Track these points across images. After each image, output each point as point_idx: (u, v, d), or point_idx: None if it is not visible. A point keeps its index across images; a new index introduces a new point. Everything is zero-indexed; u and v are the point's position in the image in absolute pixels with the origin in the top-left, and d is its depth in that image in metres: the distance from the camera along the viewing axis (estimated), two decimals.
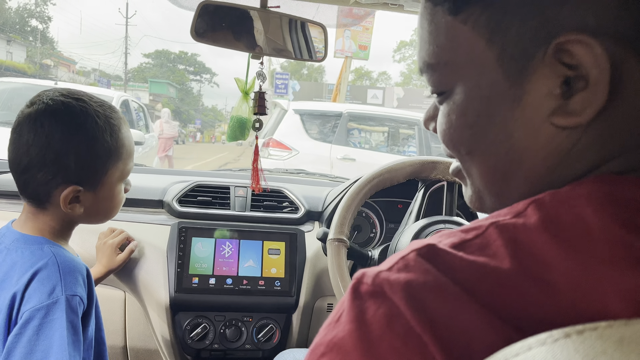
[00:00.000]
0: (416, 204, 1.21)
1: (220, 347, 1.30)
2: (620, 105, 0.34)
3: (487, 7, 0.36)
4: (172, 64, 42.75)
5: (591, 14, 0.33)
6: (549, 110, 0.36)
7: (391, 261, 0.35)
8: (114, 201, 0.90)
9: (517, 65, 0.36)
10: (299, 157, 5.08)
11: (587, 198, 0.32)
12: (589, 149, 0.36)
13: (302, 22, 1.06)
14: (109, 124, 0.84)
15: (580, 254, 0.31)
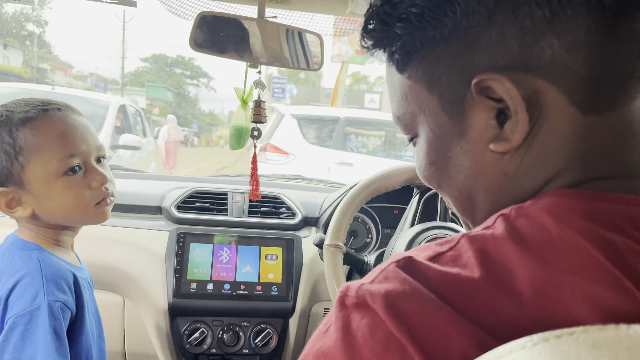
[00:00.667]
0: (411, 210, 1.23)
1: (218, 351, 1.31)
2: (548, 129, 0.39)
3: (422, 63, 0.43)
4: (169, 68, 42.76)
5: (499, 54, 0.39)
6: (488, 139, 0.41)
7: (373, 274, 0.38)
8: (63, 197, 0.83)
9: (455, 106, 0.42)
10: (296, 161, 5.09)
11: (547, 210, 0.36)
12: (532, 169, 0.40)
13: (299, 31, 1.08)
14: (9, 119, 0.80)
15: (542, 262, 0.34)
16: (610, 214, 0.35)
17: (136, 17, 49.51)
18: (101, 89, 29.52)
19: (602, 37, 0.37)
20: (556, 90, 0.38)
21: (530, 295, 0.33)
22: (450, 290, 0.34)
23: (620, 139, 0.39)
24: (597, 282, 0.32)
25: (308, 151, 5.28)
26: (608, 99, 0.38)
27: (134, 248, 1.35)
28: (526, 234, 0.35)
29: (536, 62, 0.38)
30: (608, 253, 0.33)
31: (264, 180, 1.94)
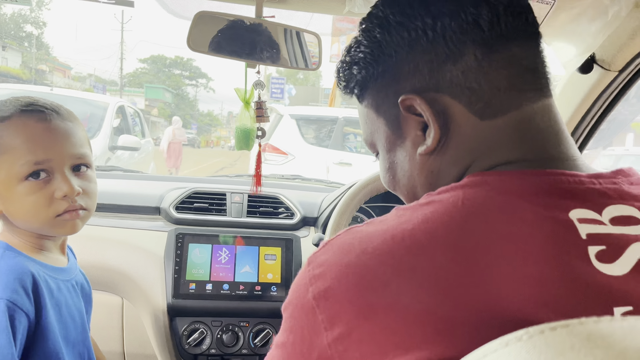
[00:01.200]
0: None
1: (217, 352, 1.31)
2: (457, 133, 0.52)
3: (371, 94, 0.58)
4: (167, 69, 42.75)
5: (416, 80, 0.52)
6: (417, 146, 0.54)
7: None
8: (20, 203, 0.80)
9: (394, 124, 0.56)
10: (295, 162, 5.10)
11: (461, 186, 0.47)
12: (450, 165, 0.53)
13: (297, 31, 1.08)
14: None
15: (446, 218, 0.44)
16: (507, 182, 0.46)
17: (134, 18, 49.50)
18: (100, 90, 29.50)
19: (486, 62, 0.50)
20: (458, 103, 0.51)
21: (418, 246, 0.43)
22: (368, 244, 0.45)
23: (512, 136, 0.51)
24: (494, 239, 0.42)
25: (307, 151, 5.28)
26: (496, 107, 0.51)
27: (132, 249, 1.35)
28: (439, 202, 0.46)
29: (441, 83, 0.51)
30: (503, 209, 0.44)
31: (263, 180, 1.94)
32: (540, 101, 0.52)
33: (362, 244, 0.45)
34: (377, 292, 0.41)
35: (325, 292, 0.43)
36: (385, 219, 0.47)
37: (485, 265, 0.40)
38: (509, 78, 0.51)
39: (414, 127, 0.54)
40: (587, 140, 1.21)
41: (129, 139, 5.01)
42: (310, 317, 0.44)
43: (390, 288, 0.41)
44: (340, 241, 0.47)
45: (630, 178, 0.49)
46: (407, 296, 0.40)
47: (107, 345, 1.33)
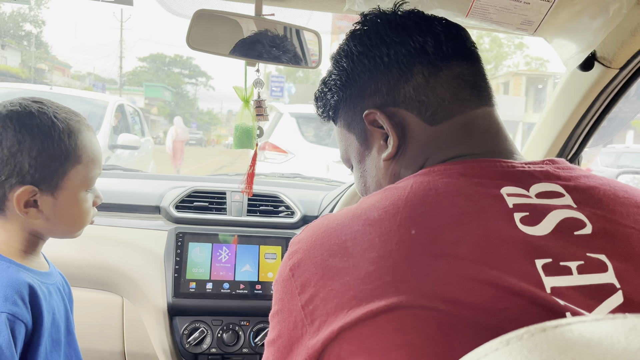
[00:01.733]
0: None
1: (218, 351, 1.31)
2: (412, 139, 0.62)
3: (342, 114, 0.70)
4: (167, 67, 42.70)
5: (377, 98, 0.64)
6: (380, 153, 0.65)
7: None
8: (78, 210, 0.86)
9: (362, 137, 0.67)
10: (295, 160, 5.09)
11: (414, 176, 0.56)
12: (408, 168, 0.62)
13: (297, 29, 1.07)
14: (67, 125, 0.83)
15: (397, 204, 0.51)
16: (450, 169, 0.55)
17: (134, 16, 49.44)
18: (99, 88, 29.48)
19: (432, 79, 0.61)
20: (411, 114, 0.62)
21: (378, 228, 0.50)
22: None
23: (457, 136, 0.60)
24: (442, 208, 0.50)
25: (307, 149, 5.27)
26: (443, 114, 0.61)
27: (132, 248, 1.35)
28: (394, 188, 0.54)
29: (397, 99, 0.62)
30: (449, 190, 0.52)
31: (263, 179, 1.93)
32: (481, 108, 0.62)
33: (328, 222, 0.53)
34: (338, 256, 0.48)
35: (298, 263, 0.51)
36: (351, 206, 0.56)
37: (430, 230, 0.48)
38: (452, 90, 0.61)
39: (378, 138, 0.64)
40: (588, 137, 1.20)
41: (128, 138, 5.00)
42: (288, 286, 0.51)
43: (348, 252, 0.48)
44: (313, 224, 0.55)
45: (557, 164, 0.57)
46: (362, 259, 0.47)
47: (107, 344, 1.33)
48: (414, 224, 0.48)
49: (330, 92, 0.69)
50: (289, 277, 0.51)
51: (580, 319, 0.29)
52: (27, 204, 0.81)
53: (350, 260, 0.47)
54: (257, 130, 1.14)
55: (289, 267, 0.52)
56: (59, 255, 0.91)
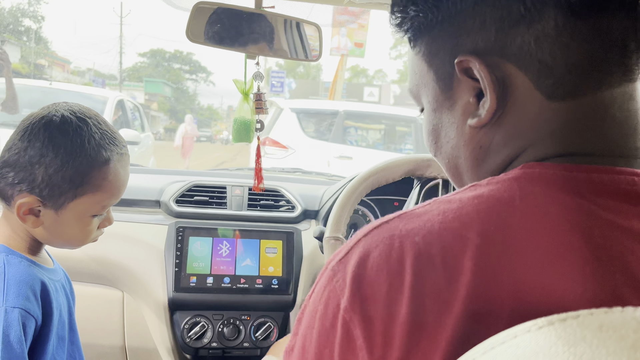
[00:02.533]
0: (412, 202, 1.22)
1: (219, 345, 1.31)
2: (517, 110, 0.45)
3: (425, 41, 0.50)
4: (167, 63, 42.62)
5: (479, 39, 0.45)
6: (468, 115, 0.47)
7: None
8: (77, 231, 0.85)
9: (445, 83, 0.48)
10: (295, 155, 5.08)
11: (515, 179, 0.42)
12: (503, 144, 0.46)
13: (297, 21, 1.06)
14: (97, 153, 0.81)
15: (499, 220, 0.39)
16: (571, 180, 0.40)
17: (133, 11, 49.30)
18: (99, 84, 29.43)
19: (567, 32, 0.42)
20: (523, 76, 0.44)
21: (479, 243, 0.38)
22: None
23: (581, 125, 0.43)
24: (551, 242, 0.37)
25: (307, 145, 5.27)
26: (570, 87, 0.43)
27: (133, 242, 1.34)
28: (489, 198, 0.41)
29: (508, 48, 0.43)
30: (566, 216, 0.38)
31: (263, 173, 1.93)
32: (622, 86, 0.44)
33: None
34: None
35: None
36: (426, 212, 0.42)
37: (532, 265, 0.37)
38: (591, 54, 0.42)
39: (467, 92, 0.47)
40: None
41: (128, 133, 4.99)
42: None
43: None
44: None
45: None
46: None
47: (108, 339, 1.33)
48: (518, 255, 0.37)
49: (415, 6, 0.48)
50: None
51: (589, 312, 0.29)
52: (29, 211, 0.80)
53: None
54: (258, 124, 1.13)
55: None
56: (59, 250, 0.91)
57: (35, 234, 0.84)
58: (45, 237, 0.84)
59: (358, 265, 0.40)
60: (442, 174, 1.19)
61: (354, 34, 11.18)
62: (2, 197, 0.81)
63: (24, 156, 0.78)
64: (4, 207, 0.83)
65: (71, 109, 0.82)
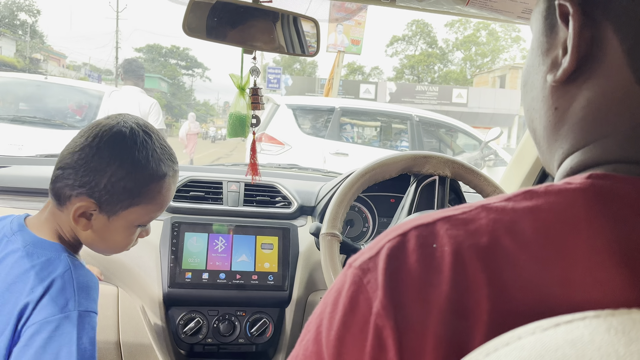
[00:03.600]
0: (408, 199, 1.22)
1: (214, 341, 1.31)
2: (601, 82, 0.39)
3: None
4: (163, 58, 42.46)
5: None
6: (553, 67, 0.42)
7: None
8: (123, 238, 0.88)
9: (548, 26, 0.43)
10: (291, 151, 5.08)
11: (581, 191, 0.35)
12: (579, 120, 0.40)
13: (295, 17, 1.06)
14: (158, 169, 0.85)
15: (557, 241, 0.33)
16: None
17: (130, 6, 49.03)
18: (95, 79, 29.29)
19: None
20: (619, 43, 0.37)
21: (533, 271, 0.33)
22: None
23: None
24: (607, 271, 0.32)
25: (303, 141, 5.26)
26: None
27: None
28: (549, 212, 0.35)
29: (614, 4, 0.37)
30: (626, 241, 0.32)
31: (260, 169, 1.92)
32: None
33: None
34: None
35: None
36: (473, 219, 0.37)
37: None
38: None
39: (560, 43, 0.41)
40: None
41: None
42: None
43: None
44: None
45: None
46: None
47: (102, 334, 1.32)
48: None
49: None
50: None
51: (595, 314, 0.28)
52: (82, 214, 0.83)
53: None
54: (253, 119, 1.12)
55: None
56: None
57: (81, 236, 0.86)
58: (90, 240, 0.87)
59: (393, 269, 0.36)
60: (439, 171, 1.19)
61: (351, 30, 11.15)
62: (57, 196, 0.83)
63: (90, 162, 0.81)
64: (54, 206, 0.85)
65: (137, 122, 0.86)
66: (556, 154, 0.43)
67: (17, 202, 1.36)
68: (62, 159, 0.84)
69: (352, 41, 11.23)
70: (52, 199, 0.85)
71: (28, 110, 4.96)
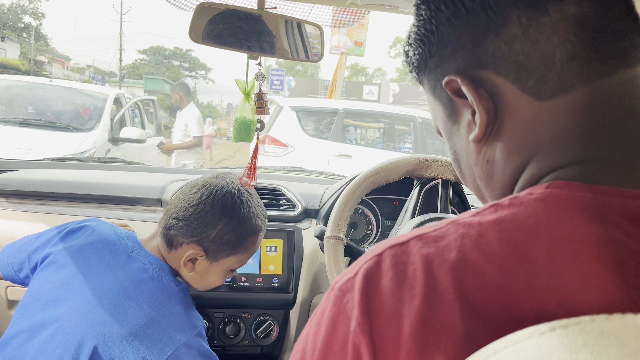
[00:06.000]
0: (412, 202, 1.23)
1: (219, 343, 1.32)
2: (511, 117, 0.44)
3: (426, 77, 0.51)
4: (167, 60, 42.54)
5: (460, 59, 0.45)
6: (469, 132, 0.47)
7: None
8: (216, 279, 1.02)
9: (449, 109, 0.49)
10: (294, 154, 5.08)
11: (541, 200, 0.38)
12: (507, 155, 0.45)
13: (299, 22, 1.07)
14: (255, 224, 1.01)
15: (523, 250, 0.36)
16: (603, 207, 0.36)
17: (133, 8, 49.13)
18: (99, 81, 29.38)
19: (533, 28, 0.41)
20: (505, 81, 0.43)
21: (500, 279, 0.35)
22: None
23: (580, 123, 0.41)
24: (580, 280, 0.34)
25: (307, 143, 5.26)
26: (554, 83, 0.41)
27: None
28: (512, 224, 0.37)
29: (485, 59, 0.43)
30: (596, 245, 0.34)
31: (264, 172, 1.93)
32: (618, 73, 0.40)
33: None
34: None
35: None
36: (443, 236, 0.39)
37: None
38: (566, 45, 0.40)
39: (466, 112, 0.47)
40: None
41: (132, 132, 4.96)
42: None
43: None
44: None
45: None
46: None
47: None
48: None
49: (410, 47, 0.52)
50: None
51: (590, 318, 0.29)
52: (190, 259, 0.97)
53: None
54: (258, 124, 1.14)
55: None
56: None
57: (184, 275, 1.00)
58: (191, 279, 1.00)
59: (368, 289, 0.38)
60: (442, 175, 1.20)
61: (354, 32, 11.15)
62: (169, 241, 0.97)
63: (204, 217, 0.96)
64: (164, 247, 0.98)
65: (240, 184, 1.03)
66: (499, 194, 0.48)
67: (26, 206, 1.38)
68: (177, 210, 0.98)
69: (355, 43, 11.23)
70: (163, 241, 0.98)
71: (34, 114, 4.98)
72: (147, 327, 0.85)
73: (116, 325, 0.83)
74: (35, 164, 1.71)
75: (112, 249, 0.94)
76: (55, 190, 1.42)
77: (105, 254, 0.93)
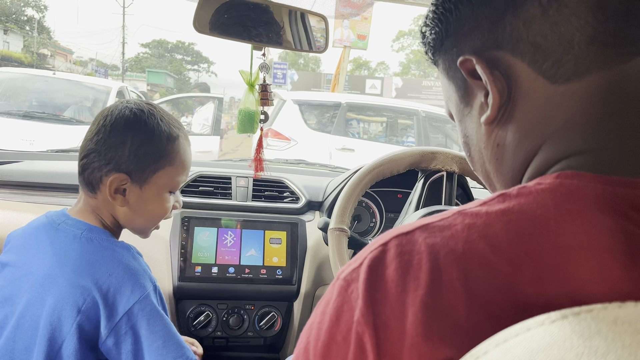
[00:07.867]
0: (416, 194, 1.23)
1: (223, 334, 1.32)
2: (524, 100, 0.43)
3: (441, 58, 0.51)
4: (169, 53, 42.45)
5: (476, 39, 0.45)
6: (481, 114, 0.47)
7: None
8: (158, 206, 0.93)
9: (462, 91, 0.49)
10: (297, 147, 5.08)
11: (550, 191, 0.37)
12: (518, 140, 0.45)
13: (303, 13, 1.06)
14: (169, 130, 0.92)
15: (530, 241, 0.35)
16: (612, 197, 0.36)
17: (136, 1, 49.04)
18: (102, 74, 29.36)
19: (553, 9, 0.40)
20: (521, 63, 0.42)
21: (507, 270, 0.34)
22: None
23: (596, 109, 0.40)
24: (576, 267, 0.33)
25: (309, 137, 5.26)
26: (570, 67, 0.40)
27: None
28: (520, 215, 0.36)
29: (502, 39, 0.43)
30: (606, 237, 0.34)
31: (267, 164, 1.93)
32: (634, 60, 0.40)
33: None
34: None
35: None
36: (449, 226, 0.38)
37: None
38: (586, 28, 0.39)
39: (478, 94, 0.47)
40: None
41: None
42: None
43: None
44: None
45: None
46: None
47: None
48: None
49: (427, 27, 0.51)
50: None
51: (602, 306, 0.28)
52: (116, 190, 0.88)
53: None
54: (262, 115, 1.13)
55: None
56: None
57: (119, 215, 0.91)
58: (129, 217, 0.92)
59: (373, 279, 0.38)
60: (447, 167, 1.20)
61: (357, 26, 11.11)
62: (89, 184, 0.89)
63: (108, 139, 0.87)
64: (89, 198, 0.90)
65: (139, 100, 0.94)
66: (508, 179, 0.48)
67: (29, 197, 1.38)
68: (82, 149, 0.90)
69: (358, 36, 11.19)
70: (85, 188, 0.90)
71: (38, 106, 4.99)
72: (87, 296, 0.80)
73: (58, 303, 0.79)
74: (39, 155, 1.71)
75: (40, 232, 0.89)
76: (59, 181, 1.42)
77: (34, 241, 0.88)
